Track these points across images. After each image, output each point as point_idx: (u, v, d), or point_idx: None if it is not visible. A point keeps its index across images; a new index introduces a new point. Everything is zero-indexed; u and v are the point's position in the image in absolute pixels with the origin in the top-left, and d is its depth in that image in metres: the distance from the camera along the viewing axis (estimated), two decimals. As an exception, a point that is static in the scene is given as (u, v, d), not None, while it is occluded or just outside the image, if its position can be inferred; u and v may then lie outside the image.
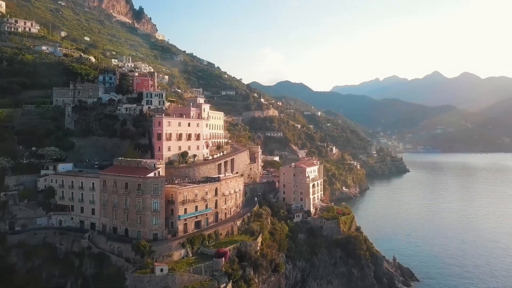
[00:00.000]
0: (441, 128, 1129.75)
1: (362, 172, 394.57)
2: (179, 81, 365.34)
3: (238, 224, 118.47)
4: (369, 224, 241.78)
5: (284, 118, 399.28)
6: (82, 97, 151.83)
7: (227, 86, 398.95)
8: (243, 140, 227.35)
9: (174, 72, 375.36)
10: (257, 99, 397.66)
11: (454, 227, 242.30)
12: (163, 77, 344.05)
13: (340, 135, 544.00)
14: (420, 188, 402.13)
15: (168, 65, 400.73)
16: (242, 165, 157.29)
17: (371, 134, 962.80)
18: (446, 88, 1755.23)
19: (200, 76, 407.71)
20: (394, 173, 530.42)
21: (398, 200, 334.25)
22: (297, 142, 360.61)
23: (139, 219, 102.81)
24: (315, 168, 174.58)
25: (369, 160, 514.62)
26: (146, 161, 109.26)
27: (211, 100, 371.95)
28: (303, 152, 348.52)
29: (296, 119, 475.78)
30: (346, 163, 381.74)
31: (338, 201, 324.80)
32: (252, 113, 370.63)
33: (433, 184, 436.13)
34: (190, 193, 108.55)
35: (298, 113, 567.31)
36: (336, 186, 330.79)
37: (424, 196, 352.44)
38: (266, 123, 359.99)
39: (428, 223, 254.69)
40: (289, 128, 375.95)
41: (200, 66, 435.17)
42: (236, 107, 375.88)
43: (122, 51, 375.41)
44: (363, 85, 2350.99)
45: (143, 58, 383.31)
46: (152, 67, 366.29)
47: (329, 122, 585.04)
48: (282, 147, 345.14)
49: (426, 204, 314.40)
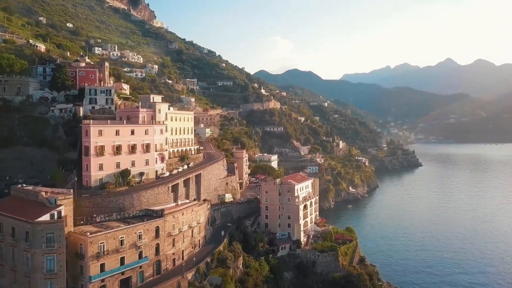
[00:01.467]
0: (454, 117, 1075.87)
1: (370, 169, 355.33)
2: (171, 71, 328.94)
3: (189, 277, 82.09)
4: (377, 236, 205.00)
5: (286, 110, 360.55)
6: (8, 94, 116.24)
7: (224, 76, 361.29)
8: (227, 142, 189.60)
9: (166, 61, 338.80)
10: (257, 90, 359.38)
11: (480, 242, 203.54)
12: (152, 67, 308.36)
13: (348, 127, 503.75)
14: (434, 186, 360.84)
15: (161, 54, 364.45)
16: (214, 180, 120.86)
17: (381, 124, 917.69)
18: (459, 75, 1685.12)
19: (195, 65, 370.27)
20: (406, 167, 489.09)
21: (410, 201, 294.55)
22: (300, 137, 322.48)
23: (28, 284, 67.40)
24: (308, 183, 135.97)
25: (378, 154, 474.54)
26: (43, 193, 73.11)
27: (206, 91, 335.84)
28: (306, 148, 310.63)
29: (300, 111, 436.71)
30: (354, 160, 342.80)
31: (344, 203, 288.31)
32: (250, 106, 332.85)
33: (448, 181, 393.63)
34: (110, 241, 72.39)
35: (304, 104, 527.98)
36: (342, 187, 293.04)
37: (439, 196, 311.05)
38: (266, 116, 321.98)
39: (446, 230, 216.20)
40: (291, 121, 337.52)
41: (195, 54, 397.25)
42: (234, 99, 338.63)
43: (110, 38, 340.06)
44: (374, 73, 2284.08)
45: (133, 46, 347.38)
46: (142, 56, 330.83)
47: (337, 113, 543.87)
48: (283, 143, 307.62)
49: (442, 206, 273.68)
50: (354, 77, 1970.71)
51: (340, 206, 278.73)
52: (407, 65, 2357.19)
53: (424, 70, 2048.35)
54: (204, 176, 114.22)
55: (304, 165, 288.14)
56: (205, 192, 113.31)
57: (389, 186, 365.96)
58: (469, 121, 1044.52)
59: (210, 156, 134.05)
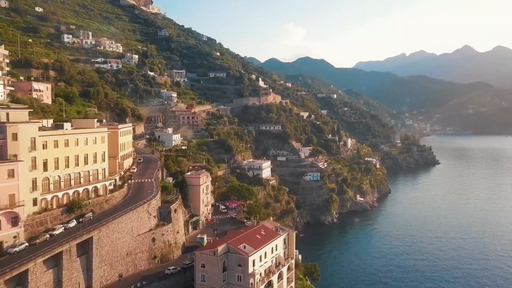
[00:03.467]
0: (472, 107, 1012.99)
1: (382, 172, 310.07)
2: (155, 61, 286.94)
3: None
4: (388, 265, 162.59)
5: (287, 106, 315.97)
6: None
7: (217, 67, 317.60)
8: (184, 160, 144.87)
9: (150, 50, 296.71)
10: (254, 82, 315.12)
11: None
12: (131, 57, 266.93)
13: (359, 122, 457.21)
14: (454, 190, 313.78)
15: (147, 42, 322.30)
16: (128, 239, 78.65)
17: (395, 115, 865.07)
18: (478, 63, 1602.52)
19: (185, 54, 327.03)
20: (422, 165, 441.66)
21: (426, 211, 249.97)
22: (300, 137, 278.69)
23: None
24: (276, 244, 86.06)
25: (391, 151, 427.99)
26: None
27: (195, 84, 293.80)
28: (307, 150, 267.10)
29: (305, 104, 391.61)
30: (363, 162, 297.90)
31: (349, 216, 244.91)
32: (245, 101, 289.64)
33: (469, 183, 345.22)
34: None
35: (311, 96, 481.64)
36: (347, 196, 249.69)
37: (461, 205, 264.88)
38: (262, 113, 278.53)
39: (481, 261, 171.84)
40: (291, 118, 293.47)
41: (186, 42, 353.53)
42: (227, 92, 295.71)
43: (89, 25, 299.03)
44: (388, 60, 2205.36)
45: (116, 34, 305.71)
46: (123, 45, 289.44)
47: (346, 106, 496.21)
48: (280, 145, 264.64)
49: (467, 222, 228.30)
50: (367, 65, 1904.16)
51: (344, 219, 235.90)
52: (423, 52, 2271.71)
53: (441, 58, 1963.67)
54: (103, 239, 70.77)
55: (303, 171, 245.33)
56: (105, 264, 71.32)
57: (403, 190, 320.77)
58: (489, 111, 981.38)
59: (144, 188, 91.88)
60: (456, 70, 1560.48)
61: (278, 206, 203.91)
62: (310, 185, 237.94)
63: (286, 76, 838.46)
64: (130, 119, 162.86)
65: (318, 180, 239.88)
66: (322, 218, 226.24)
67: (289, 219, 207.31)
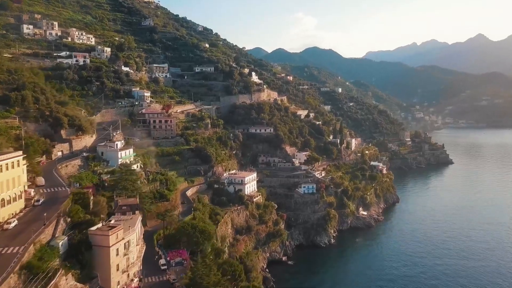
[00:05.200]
0: (486, 99, 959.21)
1: (389, 178, 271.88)
2: (133, 54, 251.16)
3: None
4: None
5: (282, 103, 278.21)
6: None
7: (204, 60, 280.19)
8: (101, 199, 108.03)
9: (127, 42, 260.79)
10: (245, 77, 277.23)
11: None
12: (103, 50, 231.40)
13: (365, 118, 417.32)
14: (472, 195, 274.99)
15: (128, 33, 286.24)
16: None
17: (405, 108, 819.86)
18: (492, 52, 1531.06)
19: (170, 46, 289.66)
20: (434, 165, 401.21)
21: (439, 225, 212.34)
22: (296, 141, 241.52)
23: None
24: None
25: (400, 151, 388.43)
26: None
27: (178, 80, 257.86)
28: (303, 155, 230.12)
29: (305, 101, 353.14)
30: (367, 168, 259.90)
31: (350, 234, 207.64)
32: (233, 99, 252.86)
33: (488, 187, 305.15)
34: None
35: (314, 90, 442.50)
36: (348, 210, 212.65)
37: (482, 215, 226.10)
38: (252, 113, 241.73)
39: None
40: (286, 119, 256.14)
41: (172, 33, 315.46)
42: (214, 89, 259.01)
43: (61, 14, 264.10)
44: (399, 50, 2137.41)
45: (90, 24, 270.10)
46: (97, 36, 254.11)
47: (352, 100, 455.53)
48: (272, 150, 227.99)
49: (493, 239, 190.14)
50: (377, 54, 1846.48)
51: (344, 239, 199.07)
52: (434, 41, 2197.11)
53: (453, 47, 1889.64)
54: None
55: (296, 182, 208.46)
56: None
57: (412, 197, 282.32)
58: (504, 103, 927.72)
59: None
60: (469, 59, 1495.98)
61: (263, 229, 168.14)
62: (304, 199, 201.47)
63: (291, 67, 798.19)
64: (67, 131, 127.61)
65: (313, 193, 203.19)
66: (317, 239, 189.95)
67: (277, 244, 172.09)
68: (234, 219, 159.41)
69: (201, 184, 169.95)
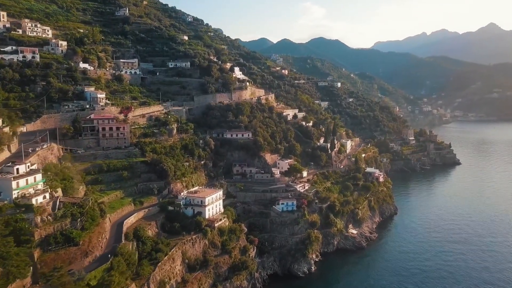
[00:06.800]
0: (497, 91, 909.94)
1: (387, 187, 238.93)
2: (97, 48, 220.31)
3: None
4: None
5: (267, 102, 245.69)
6: None
7: (180, 54, 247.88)
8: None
9: (91, 34, 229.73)
10: (226, 73, 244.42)
11: None
12: (57, 44, 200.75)
13: (366, 115, 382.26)
14: (482, 202, 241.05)
15: (98, 24, 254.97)
16: None
17: (412, 101, 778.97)
18: (504, 42, 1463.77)
19: (143, 38, 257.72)
20: (440, 166, 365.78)
21: (448, 242, 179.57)
22: (279, 147, 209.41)
23: None
24: None
25: (403, 150, 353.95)
26: None
27: (148, 77, 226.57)
28: (286, 164, 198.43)
29: (298, 97, 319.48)
30: (361, 174, 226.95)
31: (336, 258, 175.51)
32: (210, 98, 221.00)
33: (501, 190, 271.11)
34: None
35: (310, 84, 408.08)
36: (334, 229, 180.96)
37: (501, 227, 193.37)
38: (229, 115, 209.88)
39: None
40: (269, 121, 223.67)
41: (148, 24, 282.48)
42: (188, 87, 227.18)
43: (19, 2, 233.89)
44: (408, 40, 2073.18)
45: (53, 14, 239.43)
46: (56, 27, 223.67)
47: (352, 96, 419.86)
48: (250, 158, 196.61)
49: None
50: (386, 45, 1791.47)
51: (328, 264, 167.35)
52: (445, 31, 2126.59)
53: (464, 37, 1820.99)
54: None
55: (274, 197, 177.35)
56: None
57: (413, 206, 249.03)
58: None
59: None
60: (480, 50, 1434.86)
61: (225, 260, 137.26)
62: (282, 219, 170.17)
63: (293, 59, 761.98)
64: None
65: (293, 211, 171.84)
66: (294, 268, 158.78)
67: (243, 277, 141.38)
68: (187, 251, 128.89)
69: (151, 207, 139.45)
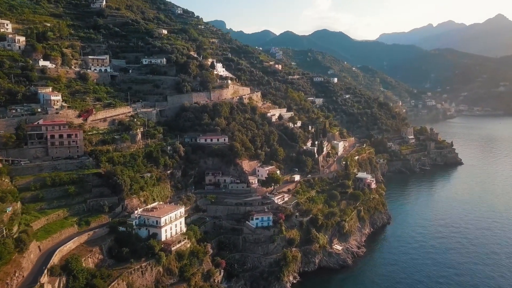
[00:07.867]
0: (504, 84, 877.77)
1: (378, 194, 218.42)
2: (63, 44, 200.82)
3: None
4: None
5: (250, 103, 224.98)
6: None
7: (155, 50, 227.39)
8: None
9: (58, 29, 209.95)
10: (206, 69, 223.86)
11: None
12: (14, 40, 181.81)
13: (363, 112, 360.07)
14: (484, 209, 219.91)
15: (69, 17, 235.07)
16: None
17: (415, 95, 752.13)
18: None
19: (117, 33, 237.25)
20: (440, 167, 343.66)
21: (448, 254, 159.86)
22: (259, 152, 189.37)
23: None
24: None
25: (402, 150, 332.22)
26: None
27: (120, 74, 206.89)
28: (266, 171, 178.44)
29: (288, 95, 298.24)
30: (351, 182, 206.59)
31: (317, 278, 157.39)
32: (185, 98, 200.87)
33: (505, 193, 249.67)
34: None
35: (305, 80, 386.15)
36: (316, 246, 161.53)
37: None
38: (204, 117, 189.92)
39: None
40: (250, 123, 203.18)
41: (123, 17, 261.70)
42: (162, 86, 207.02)
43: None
44: (414, 32, 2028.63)
45: (17, 7, 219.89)
46: (18, 21, 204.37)
47: (349, 92, 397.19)
48: (225, 166, 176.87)
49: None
50: (391, 37, 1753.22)
51: (307, 286, 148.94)
52: (451, 23, 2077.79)
53: (471, 29, 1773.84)
54: None
55: (248, 211, 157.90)
56: None
57: (409, 213, 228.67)
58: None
59: None
60: (487, 42, 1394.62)
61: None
62: (257, 236, 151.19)
63: (294, 52, 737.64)
64: None
65: (269, 227, 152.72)
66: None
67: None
68: (134, 282, 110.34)
69: (99, 228, 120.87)
